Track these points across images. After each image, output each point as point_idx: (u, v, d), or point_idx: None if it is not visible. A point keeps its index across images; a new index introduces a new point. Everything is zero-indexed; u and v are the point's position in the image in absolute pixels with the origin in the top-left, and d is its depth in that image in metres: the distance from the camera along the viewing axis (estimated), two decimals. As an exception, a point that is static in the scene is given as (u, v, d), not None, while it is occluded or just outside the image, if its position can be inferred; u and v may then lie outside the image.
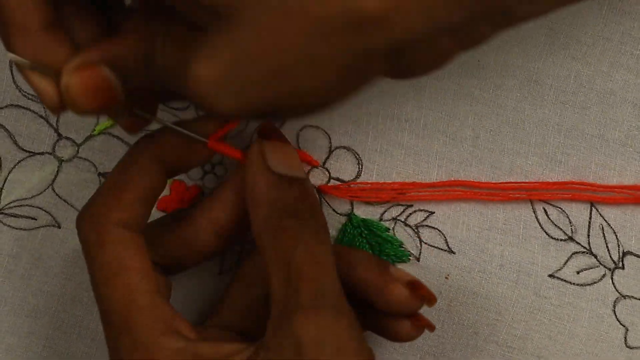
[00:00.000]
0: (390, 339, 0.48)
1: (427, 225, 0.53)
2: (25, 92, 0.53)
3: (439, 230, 0.53)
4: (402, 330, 0.47)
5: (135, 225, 0.42)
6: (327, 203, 0.53)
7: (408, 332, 0.47)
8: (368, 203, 0.53)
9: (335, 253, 0.43)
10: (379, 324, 0.47)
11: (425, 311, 0.52)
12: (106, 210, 0.41)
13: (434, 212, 0.53)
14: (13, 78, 0.53)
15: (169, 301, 0.43)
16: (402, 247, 0.53)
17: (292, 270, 0.40)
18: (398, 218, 0.53)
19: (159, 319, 0.40)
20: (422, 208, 0.53)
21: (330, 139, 0.53)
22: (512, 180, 0.52)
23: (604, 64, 0.52)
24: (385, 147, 0.52)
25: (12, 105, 0.53)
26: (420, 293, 0.46)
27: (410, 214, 0.53)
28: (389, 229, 0.53)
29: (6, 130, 0.53)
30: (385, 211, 0.53)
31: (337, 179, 0.53)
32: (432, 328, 0.47)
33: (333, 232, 0.53)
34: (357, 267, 0.46)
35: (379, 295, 0.45)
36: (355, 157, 0.53)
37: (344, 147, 0.53)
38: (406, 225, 0.53)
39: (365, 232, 0.53)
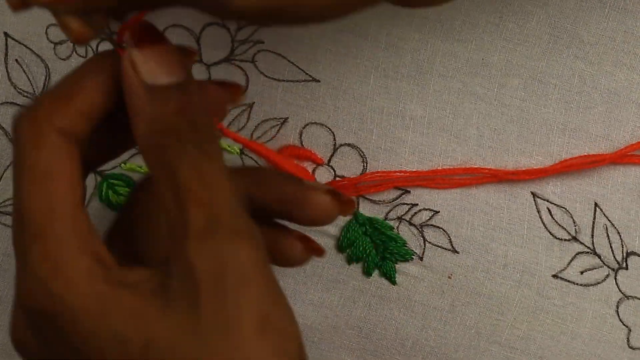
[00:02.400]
0: (280, 265, 0.45)
1: (431, 225, 0.53)
2: (21, 89, 0.52)
3: (444, 230, 0.53)
4: (293, 253, 0.45)
5: (74, 137, 0.38)
6: (332, 201, 0.53)
7: (300, 254, 0.45)
8: (373, 202, 0.53)
9: (240, 173, 0.41)
10: (269, 249, 0.41)
11: (426, 311, 0.52)
12: (49, 114, 0.38)
13: (438, 212, 0.53)
14: (8, 75, 0.53)
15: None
16: (406, 246, 0.53)
17: (180, 192, 0.36)
18: (403, 217, 0.53)
19: (78, 234, 0.37)
20: (427, 207, 0.53)
21: (334, 136, 0.52)
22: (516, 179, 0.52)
23: (607, 63, 0.52)
24: (389, 144, 0.52)
25: (7, 102, 0.53)
26: (341, 199, 0.44)
27: (415, 213, 0.53)
28: (394, 228, 0.53)
29: (1, 127, 0.53)
30: (390, 210, 0.53)
31: (342, 177, 0.53)
32: (322, 252, 0.46)
33: (336, 230, 0.53)
34: (270, 183, 0.44)
35: (300, 206, 0.43)
36: (360, 154, 0.52)
37: (349, 145, 0.53)
38: (411, 224, 0.53)
39: (370, 230, 0.53)
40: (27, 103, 0.40)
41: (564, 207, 0.52)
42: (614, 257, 0.53)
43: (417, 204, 0.53)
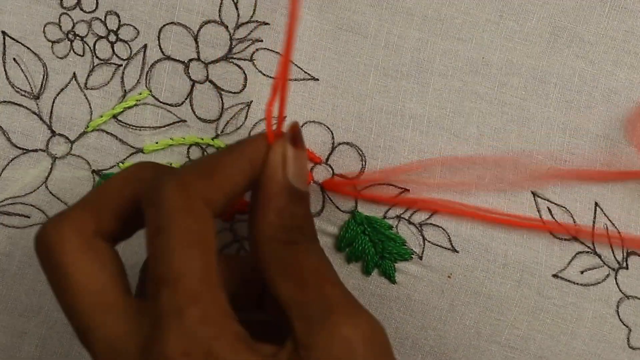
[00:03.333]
0: None
1: (431, 224, 0.53)
2: (19, 88, 0.52)
3: (443, 229, 0.53)
4: None
5: (216, 211, 0.41)
6: (331, 200, 0.53)
7: None
8: (372, 200, 0.53)
9: None
10: None
11: (426, 310, 0.52)
12: (198, 185, 0.41)
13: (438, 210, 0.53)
14: (6, 74, 0.53)
15: None
16: (405, 245, 0.53)
17: (308, 277, 0.42)
18: (402, 216, 0.53)
19: (225, 299, 0.40)
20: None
21: (333, 134, 0.52)
22: (516, 179, 0.52)
23: (607, 62, 0.52)
24: (388, 143, 0.52)
25: (5, 102, 0.53)
26: None
27: (415, 211, 0.53)
28: (393, 227, 0.53)
29: (0, 128, 0.53)
30: (389, 209, 0.53)
31: (341, 176, 0.52)
32: None
33: (335, 229, 0.53)
34: None
35: None
36: (359, 153, 0.52)
37: (347, 144, 0.52)
38: (410, 223, 0.53)
39: (368, 229, 0.52)
40: (170, 172, 0.41)
41: (564, 207, 0.52)
42: (614, 256, 0.53)
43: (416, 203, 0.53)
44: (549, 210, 0.52)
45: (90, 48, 0.52)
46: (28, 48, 0.52)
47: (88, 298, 0.40)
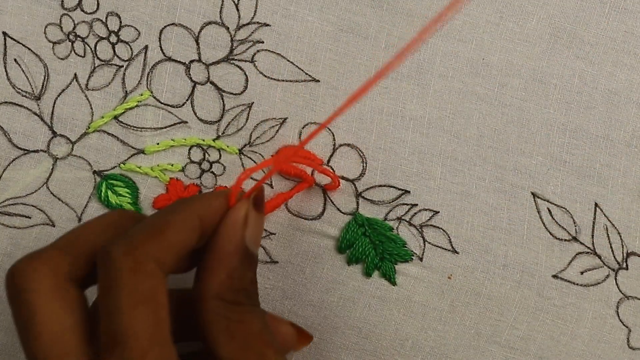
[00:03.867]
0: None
1: (431, 225, 0.53)
2: (20, 89, 0.52)
3: (443, 230, 0.53)
4: (288, 337, 0.50)
5: (165, 269, 0.41)
6: (332, 202, 0.53)
7: (292, 337, 0.50)
8: (373, 202, 0.53)
9: None
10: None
11: (426, 311, 0.52)
12: (146, 245, 0.41)
13: (438, 212, 0.53)
14: (7, 75, 0.52)
15: None
16: (406, 247, 0.53)
17: (251, 341, 0.43)
18: (403, 217, 0.53)
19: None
20: (426, 207, 0.53)
21: (334, 136, 0.52)
22: (517, 179, 0.52)
23: (607, 63, 0.52)
24: (389, 144, 0.52)
25: (6, 102, 0.53)
26: (301, 331, 0.50)
27: (415, 213, 0.53)
28: (393, 228, 0.53)
29: (0, 127, 0.53)
30: (390, 210, 0.53)
31: (342, 177, 0.52)
32: (310, 337, 0.51)
33: (336, 231, 0.53)
34: None
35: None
36: (360, 154, 0.52)
37: (348, 145, 0.52)
38: (410, 224, 0.53)
39: (369, 231, 0.52)
40: (116, 237, 0.42)
41: (564, 207, 0.52)
42: (614, 257, 0.53)
43: (416, 204, 0.53)
44: (549, 210, 0.52)
45: (91, 49, 0.52)
46: (29, 49, 0.52)
47: (48, 340, 0.40)
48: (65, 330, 0.40)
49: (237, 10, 0.52)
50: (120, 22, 0.52)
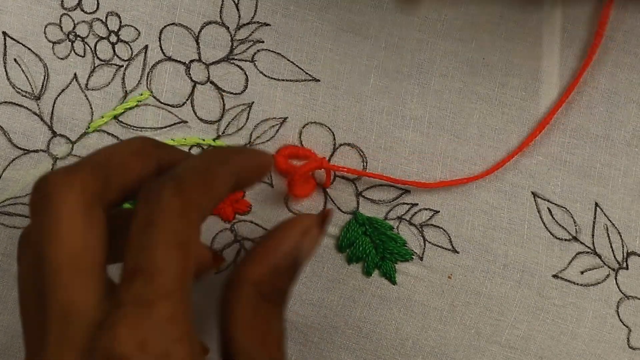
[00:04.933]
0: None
1: (431, 224, 0.53)
2: (19, 89, 0.52)
3: (444, 229, 0.53)
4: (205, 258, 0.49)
5: (203, 215, 0.41)
6: (332, 201, 0.53)
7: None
8: (373, 201, 0.53)
9: None
10: None
11: (426, 311, 0.52)
12: (194, 193, 0.41)
13: (438, 211, 0.53)
14: (7, 74, 0.52)
15: None
16: (406, 246, 0.53)
17: (271, 340, 0.43)
18: (403, 217, 0.53)
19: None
20: (427, 207, 0.53)
21: (334, 135, 0.52)
22: (517, 179, 0.52)
23: (607, 63, 0.52)
24: (389, 144, 0.52)
25: (6, 102, 0.53)
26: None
27: (415, 212, 0.53)
28: (394, 228, 0.53)
29: (0, 127, 0.53)
30: (390, 210, 0.53)
31: (342, 177, 0.52)
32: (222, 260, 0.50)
33: (336, 230, 0.53)
34: None
35: None
36: (360, 154, 0.52)
37: (348, 144, 0.52)
38: (411, 224, 0.53)
39: (370, 230, 0.52)
40: (170, 173, 0.42)
41: (564, 207, 0.52)
42: (615, 257, 0.53)
43: (417, 204, 0.53)
44: (549, 210, 0.52)
45: (91, 49, 0.52)
46: (29, 49, 0.52)
47: (69, 253, 0.39)
48: (88, 248, 0.39)
49: (237, 9, 0.52)
50: (120, 21, 0.52)
